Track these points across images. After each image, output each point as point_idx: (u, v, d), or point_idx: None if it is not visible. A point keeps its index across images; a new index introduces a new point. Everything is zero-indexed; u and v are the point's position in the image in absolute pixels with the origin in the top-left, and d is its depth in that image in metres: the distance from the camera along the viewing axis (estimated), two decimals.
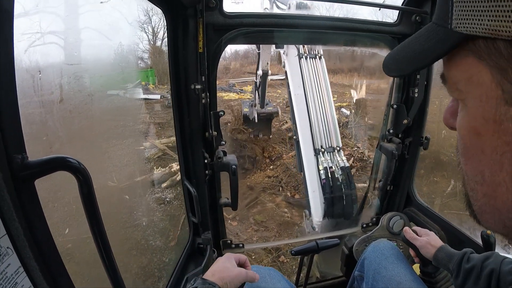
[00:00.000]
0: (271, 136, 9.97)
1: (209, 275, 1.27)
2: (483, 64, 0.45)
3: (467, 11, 0.44)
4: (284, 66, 4.96)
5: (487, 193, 0.50)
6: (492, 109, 0.45)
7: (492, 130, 0.46)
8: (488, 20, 0.41)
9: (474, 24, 0.43)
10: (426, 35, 0.54)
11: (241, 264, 1.44)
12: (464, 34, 0.45)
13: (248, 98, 14.56)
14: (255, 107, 9.20)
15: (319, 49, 4.53)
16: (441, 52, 0.50)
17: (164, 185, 5.88)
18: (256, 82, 8.74)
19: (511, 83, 0.42)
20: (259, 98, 8.91)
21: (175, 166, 6.21)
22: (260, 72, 7.88)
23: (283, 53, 4.91)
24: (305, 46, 4.49)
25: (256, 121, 9.21)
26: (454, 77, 0.51)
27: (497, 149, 0.46)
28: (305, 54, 4.41)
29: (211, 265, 1.40)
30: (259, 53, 7.52)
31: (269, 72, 7.94)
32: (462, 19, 0.45)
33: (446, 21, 0.48)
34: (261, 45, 7.06)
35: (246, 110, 9.57)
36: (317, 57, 4.46)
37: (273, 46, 6.02)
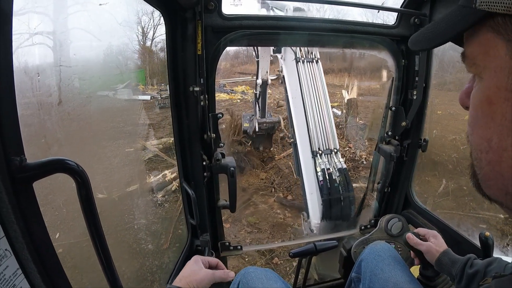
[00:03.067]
0: (272, 149, 9.59)
1: (177, 281, 1.34)
2: (500, 39, 0.50)
3: None
4: (281, 71, 5.05)
5: (492, 159, 0.54)
6: (504, 78, 0.50)
7: (503, 98, 0.50)
8: None
9: (495, 2, 0.48)
10: (452, 15, 0.59)
11: (212, 267, 1.51)
12: (486, 11, 0.50)
13: (239, 99, 14.34)
14: (255, 119, 8.72)
15: (316, 53, 4.59)
16: (464, 28, 0.56)
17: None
18: (256, 94, 8.53)
19: None
20: (259, 109, 8.65)
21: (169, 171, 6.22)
22: (259, 81, 7.72)
23: (281, 58, 4.96)
24: (302, 50, 4.55)
25: (257, 131, 8.67)
26: (473, 53, 0.56)
27: (506, 115, 0.50)
28: (302, 58, 4.45)
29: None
30: (258, 61, 7.30)
31: (269, 81, 7.82)
32: None
33: (471, 1, 0.52)
34: (259, 54, 6.95)
35: (246, 125, 9.15)
36: (314, 60, 4.51)
37: (271, 52, 6.04)
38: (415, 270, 1.79)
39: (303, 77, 4.31)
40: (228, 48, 1.83)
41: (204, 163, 1.92)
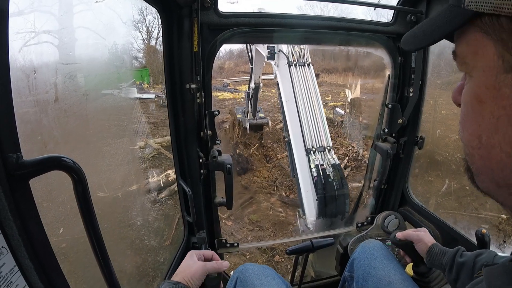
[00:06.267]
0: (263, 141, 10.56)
1: (173, 276, 1.37)
2: (488, 39, 0.51)
3: None
4: (275, 77, 5.37)
5: (483, 155, 0.57)
6: (493, 77, 0.51)
7: (491, 96, 0.52)
8: None
9: (482, 2, 0.49)
10: (442, 15, 0.60)
11: (208, 259, 1.52)
12: (474, 11, 0.51)
13: (243, 98, 14.94)
14: (247, 116, 10.10)
15: (308, 57, 4.84)
16: (452, 28, 0.58)
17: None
18: (248, 93, 9.51)
19: (510, 54, 0.49)
20: (251, 106, 9.61)
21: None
22: (252, 85, 8.48)
23: (274, 64, 5.24)
24: (295, 54, 4.80)
25: (248, 132, 10.08)
26: (463, 52, 0.58)
27: (494, 113, 0.52)
28: (295, 62, 4.71)
29: None
30: (251, 68, 7.93)
31: (261, 84, 8.55)
32: None
33: (460, 1, 0.54)
34: (254, 61, 7.45)
35: (239, 116, 10.45)
36: (306, 64, 4.77)
37: (265, 59, 6.28)
38: (410, 269, 1.79)
39: (296, 80, 4.57)
40: (231, 47, 1.84)
41: (200, 160, 1.92)
